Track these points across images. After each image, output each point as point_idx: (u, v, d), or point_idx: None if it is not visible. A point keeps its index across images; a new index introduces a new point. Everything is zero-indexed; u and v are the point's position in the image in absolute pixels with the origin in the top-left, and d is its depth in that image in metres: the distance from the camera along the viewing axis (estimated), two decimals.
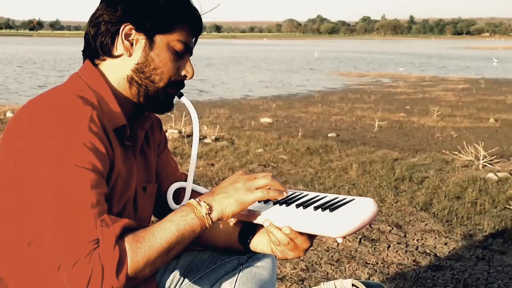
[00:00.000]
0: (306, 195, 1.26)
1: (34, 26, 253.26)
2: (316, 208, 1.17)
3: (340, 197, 1.21)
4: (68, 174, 1.06)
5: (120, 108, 1.22)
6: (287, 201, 1.23)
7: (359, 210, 1.14)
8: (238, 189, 1.19)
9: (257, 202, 1.24)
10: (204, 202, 1.17)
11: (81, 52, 1.29)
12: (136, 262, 1.07)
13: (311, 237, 1.22)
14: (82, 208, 1.06)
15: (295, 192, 1.28)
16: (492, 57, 36.32)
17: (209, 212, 1.16)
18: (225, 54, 43.99)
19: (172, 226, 1.12)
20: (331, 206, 1.16)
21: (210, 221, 1.16)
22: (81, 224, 1.05)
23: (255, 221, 1.26)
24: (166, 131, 6.86)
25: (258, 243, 1.35)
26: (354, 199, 1.18)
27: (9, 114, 8.00)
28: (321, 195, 1.24)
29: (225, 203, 1.18)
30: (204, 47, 59.23)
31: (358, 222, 1.13)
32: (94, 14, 1.25)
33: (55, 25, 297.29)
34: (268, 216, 1.21)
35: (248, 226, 1.34)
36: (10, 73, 20.90)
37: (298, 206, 1.20)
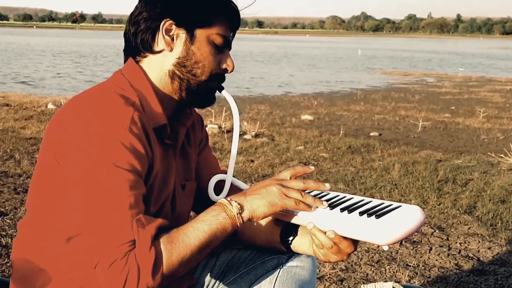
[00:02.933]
0: (351, 198, 1.24)
1: (77, 18, 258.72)
2: (361, 213, 1.15)
3: (386, 203, 1.19)
4: (107, 173, 1.08)
5: (161, 106, 1.23)
6: (331, 204, 1.22)
7: (406, 218, 1.12)
8: (271, 192, 1.20)
9: None
10: (236, 201, 1.18)
11: (122, 52, 1.31)
12: (171, 262, 1.09)
13: (355, 242, 1.21)
14: (119, 209, 1.07)
15: (338, 195, 1.27)
16: None
17: (240, 212, 1.17)
18: (266, 50, 44.01)
19: (204, 226, 1.14)
20: (377, 212, 1.14)
21: (241, 220, 1.17)
22: (118, 225, 1.07)
23: (292, 221, 1.25)
24: (206, 126, 6.92)
25: (300, 244, 1.35)
26: (400, 206, 1.16)
27: (50, 106, 8.17)
28: (366, 199, 1.23)
29: (257, 203, 1.19)
30: (246, 43, 59.38)
31: (405, 230, 1.11)
32: (133, 13, 1.27)
33: (98, 18, 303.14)
34: (312, 219, 1.21)
35: (289, 226, 1.33)
36: (52, 64, 21.46)
37: (342, 210, 1.19)
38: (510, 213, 3.89)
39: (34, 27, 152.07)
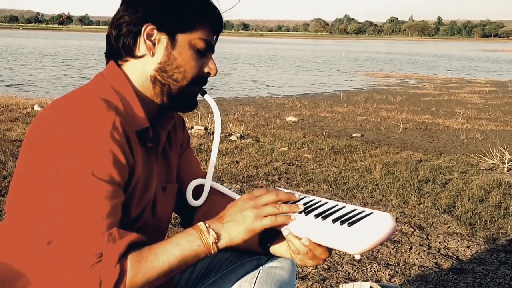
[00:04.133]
0: (325, 203, 1.24)
1: (63, 20, 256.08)
2: (334, 220, 1.15)
3: (359, 209, 1.18)
4: (85, 183, 1.07)
5: (144, 110, 1.22)
6: (306, 209, 1.22)
7: (377, 226, 1.12)
8: (247, 217, 1.18)
9: None
10: (213, 230, 1.17)
11: (104, 54, 1.30)
12: (135, 282, 1.08)
13: (329, 248, 1.21)
14: (92, 219, 1.07)
15: (314, 199, 1.26)
16: None
17: (217, 241, 1.16)
18: (252, 52, 44.05)
19: (176, 250, 1.13)
20: (349, 220, 1.14)
21: (216, 249, 1.17)
22: (89, 236, 1.07)
23: (275, 227, 1.25)
24: (192, 127, 6.94)
25: (278, 247, 1.35)
26: (372, 213, 1.16)
27: (36, 108, 8.12)
28: (340, 204, 1.22)
29: (234, 231, 1.18)
30: (232, 45, 59.37)
31: (375, 240, 1.11)
32: (115, 16, 1.26)
33: (84, 20, 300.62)
34: (289, 225, 1.21)
35: (268, 230, 1.31)
36: (38, 66, 21.25)
37: (317, 216, 1.18)
38: (489, 212, 3.96)
39: (20, 28, 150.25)
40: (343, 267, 2.95)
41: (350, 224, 1.13)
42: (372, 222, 1.13)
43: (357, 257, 1.13)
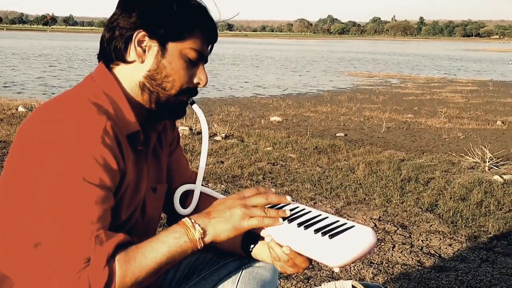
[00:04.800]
0: (309, 212, 1.24)
1: (48, 21, 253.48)
2: (316, 231, 1.16)
3: (341, 221, 1.19)
4: (75, 187, 1.07)
5: (134, 114, 1.22)
6: (289, 217, 1.22)
7: (358, 241, 1.12)
8: (235, 215, 1.18)
9: None
10: (199, 225, 1.17)
11: (96, 56, 1.30)
12: (124, 282, 1.09)
13: (310, 258, 1.22)
14: (81, 223, 1.07)
15: (298, 206, 1.26)
16: (505, 59, 36.12)
17: (203, 236, 1.16)
18: (236, 52, 44.03)
19: (163, 248, 1.13)
20: (331, 232, 1.14)
21: (202, 244, 1.17)
22: (77, 240, 1.07)
23: (260, 233, 1.26)
24: (177, 128, 6.91)
25: (260, 252, 1.37)
26: (354, 226, 1.16)
27: (21, 109, 8.04)
28: (324, 214, 1.22)
29: (221, 228, 1.18)
30: (216, 45, 59.18)
31: (355, 255, 1.11)
32: (110, 19, 1.26)
33: (69, 21, 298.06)
34: (271, 232, 1.21)
35: (251, 233, 1.32)
36: (23, 67, 21.03)
37: (300, 225, 1.19)
38: (470, 210, 4.02)
39: (4, 29, 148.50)
40: (327, 266, 2.96)
41: (331, 236, 1.13)
42: (353, 236, 1.13)
43: (336, 270, 1.15)
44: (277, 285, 1.45)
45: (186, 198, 1.46)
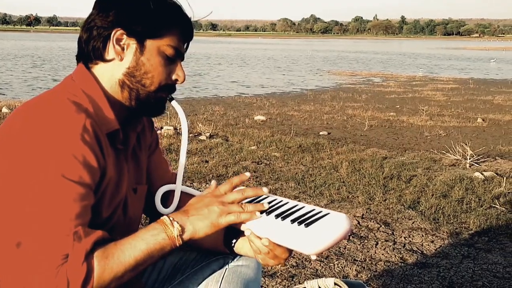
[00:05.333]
0: (286, 203, 1.27)
1: (31, 21, 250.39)
2: (293, 221, 1.18)
3: (317, 209, 1.21)
4: (55, 184, 1.07)
5: (114, 112, 1.23)
6: (268, 209, 1.25)
7: (332, 227, 1.15)
8: (212, 212, 1.20)
9: None
10: (177, 222, 1.18)
11: (75, 57, 1.31)
12: (102, 278, 1.09)
13: (289, 249, 1.24)
14: (60, 220, 1.07)
15: (276, 198, 1.29)
16: (485, 58, 36.54)
17: (181, 233, 1.18)
18: (220, 52, 43.99)
19: (142, 245, 1.14)
20: (306, 220, 1.17)
21: (180, 241, 1.18)
22: (55, 237, 1.07)
23: (240, 227, 1.28)
24: (162, 127, 6.92)
25: (242, 247, 1.38)
26: (329, 213, 1.19)
27: (5, 110, 7.96)
28: (300, 205, 1.25)
29: (199, 225, 1.19)
30: (201, 45, 59.15)
31: (330, 241, 1.14)
32: (87, 19, 1.27)
33: (53, 21, 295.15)
34: (250, 225, 1.24)
35: (233, 229, 1.34)
36: (7, 68, 20.78)
37: (277, 216, 1.21)
38: (452, 207, 4.07)
39: None
40: (311, 263, 2.99)
41: (307, 225, 1.15)
42: (328, 223, 1.16)
43: (313, 257, 1.17)
44: (260, 284, 1.47)
45: (167, 198, 1.46)
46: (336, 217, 1.17)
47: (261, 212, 1.24)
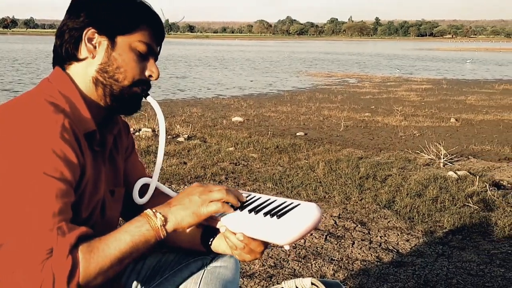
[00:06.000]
0: (259, 198, 1.30)
1: (8, 24, 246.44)
2: (265, 214, 1.21)
3: (288, 201, 1.25)
4: (36, 181, 1.08)
5: (90, 113, 1.25)
6: (242, 205, 1.27)
7: (302, 217, 1.18)
8: (194, 201, 1.21)
9: None
10: (160, 213, 1.19)
11: (51, 64, 1.33)
12: (88, 272, 1.09)
13: (264, 242, 1.26)
14: (42, 217, 1.08)
15: (250, 195, 1.32)
16: (458, 58, 37.07)
17: (164, 223, 1.19)
18: (198, 54, 43.89)
19: (126, 237, 1.15)
20: (278, 212, 1.20)
21: (165, 232, 1.19)
22: (39, 232, 1.07)
23: (210, 224, 1.30)
24: (140, 129, 6.89)
25: (219, 244, 1.40)
26: (299, 204, 1.22)
27: None
28: (272, 198, 1.28)
29: (181, 214, 1.20)
30: (179, 47, 58.90)
31: (301, 230, 1.17)
32: (60, 26, 1.30)
33: (30, 23, 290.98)
34: (225, 222, 1.26)
35: (210, 228, 1.37)
36: None
37: (250, 211, 1.24)
38: (426, 206, 4.14)
39: None
40: (289, 263, 3.02)
41: (279, 217, 1.19)
42: (298, 213, 1.19)
43: (286, 247, 1.20)
44: (239, 284, 1.49)
45: (144, 194, 1.47)
46: (307, 206, 1.21)
47: (235, 208, 1.26)
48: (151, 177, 1.47)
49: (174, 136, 6.85)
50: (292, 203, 1.23)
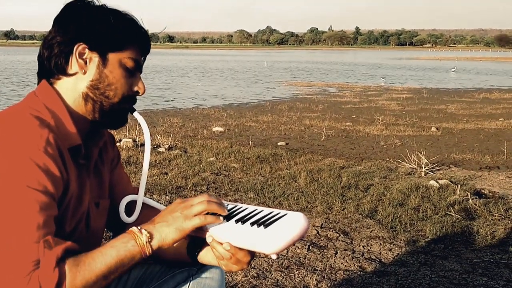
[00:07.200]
0: (246, 208, 1.30)
1: None
2: (252, 224, 1.22)
3: (275, 211, 1.25)
4: (19, 194, 1.09)
5: (76, 127, 1.26)
6: (228, 216, 1.28)
7: (290, 226, 1.19)
8: (176, 217, 1.23)
9: None
10: (145, 230, 1.21)
11: (36, 74, 1.33)
12: (74, 285, 1.10)
13: (251, 251, 1.26)
14: (27, 229, 1.08)
15: (236, 205, 1.32)
16: (438, 67, 37.47)
17: (150, 240, 1.20)
18: (177, 64, 43.83)
19: (112, 252, 1.16)
20: (265, 222, 1.21)
21: (150, 249, 1.20)
22: (24, 245, 1.08)
23: (198, 235, 1.30)
24: (121, 140, 6.83)
25: (205, 255, 1.40)
26: (286, 214, 1.23)
27: None
28: (259, 209, 1.29)
29: (165, 231, 1.22)
30: (158, 57, 58.79)
31: (288, 239, 1.17)
32: (47, 37, 1.29)
33: (10, 35, 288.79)
34: (211, 232, 1.26)
35: (195, 239, 1.37)
36: None
37: (237, 221, 1.25)
38: (408, 215, 4.14)
39: None
40: (272, 274, 2.99)
41: (266, 226, 1.19)
42: (286, 222, 1.20)
43: (273, 256, 1.20)
44: None
45: (130, 210, 1.47)
46: (294, 216, 1.21)
47: (222, 218, 1.26)
48: (136, 191, 1.46)
49: (155, 146, 6.80)
50: (279, 213, 1.24)
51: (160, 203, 1.46)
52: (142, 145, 6.68)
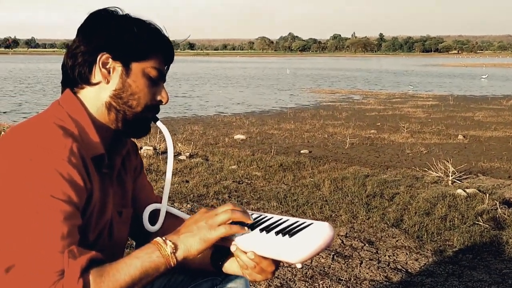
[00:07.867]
0: (271, 218, 1.30)
1: (10, 44, 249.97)
2: (277, 233, 1.21)
3: (300, 221, 1.24)
4: (43, 204, 1.09)
5: (99, 136, 1.26)
6: (253, 225, 1.27)
7: (315, 235, 1.18)
8: (201, 227, 1.22)
9: None
10: (170, 241, 1.20)
11: (60, 83, 1.34)
12: None
13: (275, 261, 1.25)
14: (51, 239, 1.09)
15: (261, 215, 1.32)
16: (465, 74, 37.04)
17: (174, 251, 1.19)
18: (199, 71, 44.13)
19: (137, 263, 1.16)
20: (290, 231, 1.20)
21: (175, 260, 1.19)
22: (49, 255, 1.08)
23: (227, 245, 1.28)
24: (141, 147, 6.85)
25: (230, 265, 1.39)
26: (312, 223, 1.22)
27: None
28: (284, 218, 1.28)
29: (190, 242, 1.21)
30: (179, 65, 59.32)
31: (314, 248, 1.17)
32: (71, 46, 1.30)
33: (31, 43, 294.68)
34: (236, 241, 1.25)
35: (220, 248, 1.35)
36: None
37: (261, 230, 1.24)
38: (435, 225, 4.05)
39: None
40: (296, 284, 2.94)
41: (291, 235, 1.19)
42: (311, 232, 1.19)
43: (299, 266, 1.19)
44: None
45: (153, 219, 1.46)
46: (319, 225, 1.20)
47: (247, 227, 1.26)
48: (159, 200, 1.47)
49: (176, 154, 6.80)
50: (304, 222, 1.23)
51: (182, 211, 1.45)
52: (163, 152, 6.69)
